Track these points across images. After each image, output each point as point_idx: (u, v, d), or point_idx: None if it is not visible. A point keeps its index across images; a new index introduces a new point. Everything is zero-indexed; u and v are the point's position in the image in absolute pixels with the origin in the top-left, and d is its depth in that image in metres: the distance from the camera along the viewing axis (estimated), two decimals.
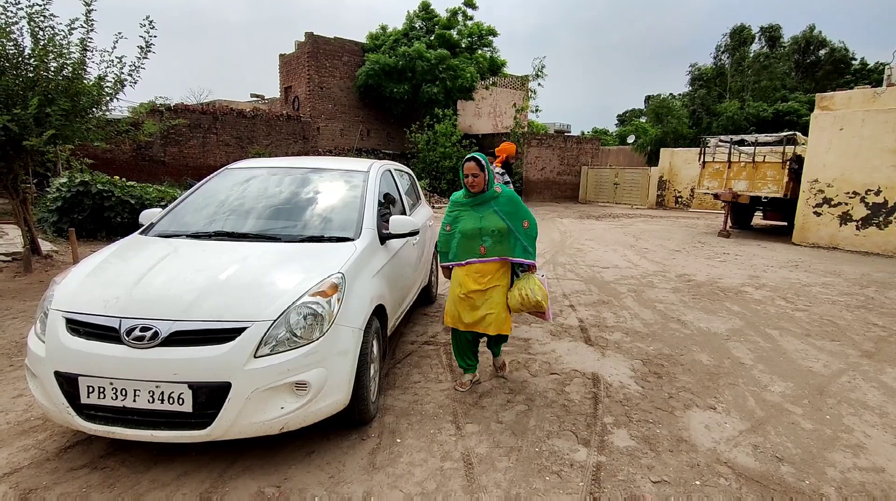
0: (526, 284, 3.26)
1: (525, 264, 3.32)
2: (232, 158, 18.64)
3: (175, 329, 2.33)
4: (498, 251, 3.25)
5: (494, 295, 3.28)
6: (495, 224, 3.22)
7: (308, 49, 21.26)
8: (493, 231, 3.22)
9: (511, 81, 27.15)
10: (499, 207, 3.26)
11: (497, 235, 3.22)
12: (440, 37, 21.53)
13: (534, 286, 3.23)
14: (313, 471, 2.52)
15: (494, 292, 3.28)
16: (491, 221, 3.23)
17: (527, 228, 3.28)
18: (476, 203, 3.29)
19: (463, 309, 3.30)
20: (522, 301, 3.24)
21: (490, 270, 3.28)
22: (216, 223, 3.38)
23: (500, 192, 3.31)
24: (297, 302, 2.51)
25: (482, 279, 3.27)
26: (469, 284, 3.27)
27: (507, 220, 3.23)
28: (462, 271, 3.32)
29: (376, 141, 23.41)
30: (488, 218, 3.24)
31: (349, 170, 4.00)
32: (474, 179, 3.24)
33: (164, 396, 2.28)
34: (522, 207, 3.34)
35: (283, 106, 23.40)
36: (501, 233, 3.22)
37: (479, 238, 3.23)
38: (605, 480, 2.52)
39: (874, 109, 9.65)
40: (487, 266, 3.27)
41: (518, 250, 3.26)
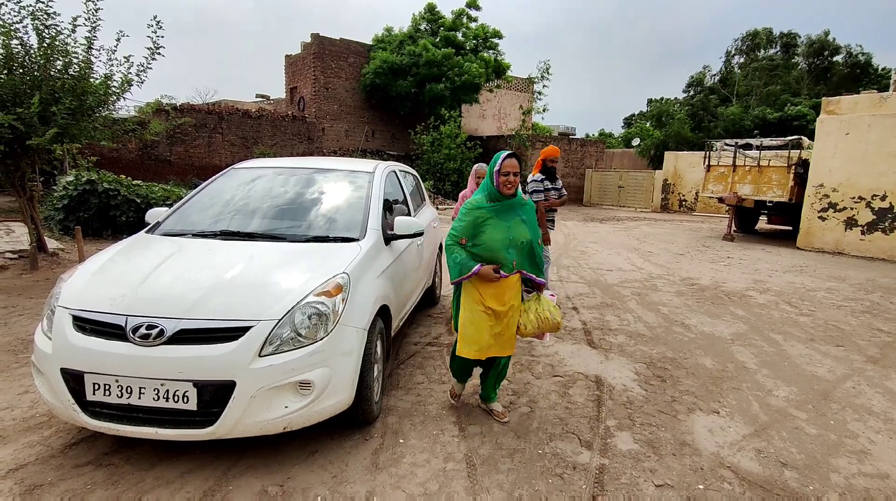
0: (542, 305, 2.97)
1: (535, 283, 3.02)
2: (237, 158, 18.70)
3: (181, 327, 2.34)
4: (521, 265, 2.92)
5: (512, 318, 2.94)
6: (523, 235, 2.86)
7: (314, 50, 21.34)
8: (521, 243, 2.85)
9: (516, 83, 27.17)
10: (526, 215, 2.91)
11: (523, 248, 2.87)
12: (445, 38, 21.57)
13: (551, 308, 2.97)
14: (316, 471, 2.52)
15: (513, 314, 2.93)
16: (519, 231, 2.85)
17: (540, 243, 3.02)
18: (502, 209, 2.85)
19: (485, 333, 2.88)
20: (540, 325, 2.95)
21: (513, 288, 2.91)
22: (222, 223, 3.40)
23: (527, 200, 3.01)
24: (302, 302, 2.51)
25: (504, 297, 2.89)
26: (491, 303, 2.87)
27: (531, 231, 2.91)
28: (483, 289, 2.88)
29: (381, 142, 23.45)
30: (516, 228, 2.85)
31: (354, 171, 4.01)
32: (514, 178, 2.82)
33: (169, 394, 2.29)
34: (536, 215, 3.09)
35: (289, 106, 23.47)
36: (527, 246, 2.88)
37: (506, 250, 2.83)
38: (608, 483, 2.52)
39: (881, 113, 9.60)
40: (511, 284, 2.90)
41: (538, 266, 2.98)
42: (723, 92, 31.14)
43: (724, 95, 31.20)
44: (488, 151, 22.11)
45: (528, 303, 2.99)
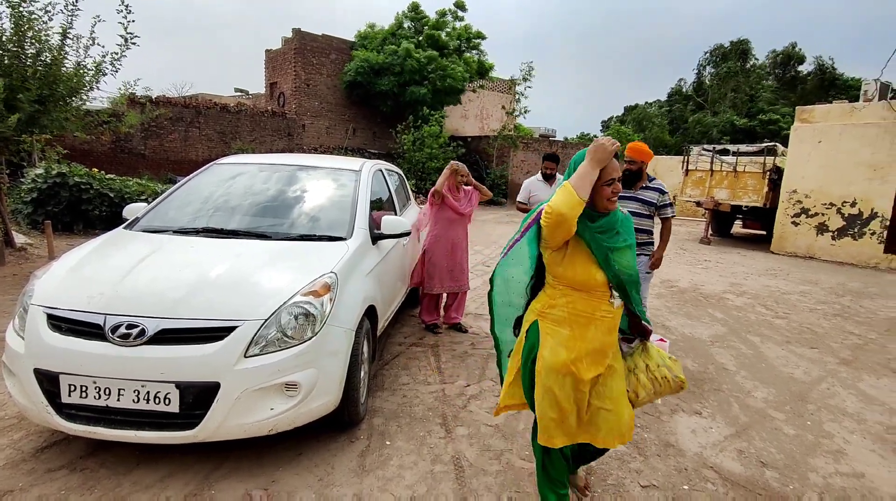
0: (654, 359, 2.11)
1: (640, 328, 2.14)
2: (214, 153, 18.33)
3: (162, 327, 2.27)
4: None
5: (614, 383, 2.02)
6: (630, 265, 1.95)
7: (295, 45, 21.05)
8: (628, 277, 1.94)
9: (499, 84, 27.27)
10: (630, 237, 1.99)
11: (628, 284, 1.95)
12: (429, 37, 21.51)
13: (667, 361, 2.13)
14: (302, 473, 2.47)
15: (614, 377, 2.03)
16: (625, 259, 1.94)
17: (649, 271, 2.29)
18: (604, 229, 1.92)
19: (572, 410, 1.97)
20: (658, 388, 2.08)
21: (613, 343, 2.03)
22: (204, 219, 3.31)
23: (625, 213, 2.06)
24: (289, 302, 2.46)
25: (602, 357, 1.98)
26: (583, 367, 1.94)
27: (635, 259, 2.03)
28: (569, 344, 1.94)
29: (362, 140, 23.27)
30: (621, 255, 1.93)
31: (341, 168, 3.96)
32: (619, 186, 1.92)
33: (150, 396, 2.22)
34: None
35: (268, 102, 23.11)
36: (632, 282, 1.97)
37: (606, 288, 1.94)
38: (596, 484, 2.53)
39: (851, 123, 9.93)
40: (612, 337, 2.02)
41: (640, 305, 2.09)
42: (697, 100, 31.95)
43: (698, 103, 32.03)
44: (470, 151, 22.15)
45: (633, 359, 2.12)
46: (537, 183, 4.84)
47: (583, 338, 1.94)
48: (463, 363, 3.97)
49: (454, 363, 3.94)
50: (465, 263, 4.71)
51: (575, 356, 1.92)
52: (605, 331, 1.96)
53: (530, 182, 4.89)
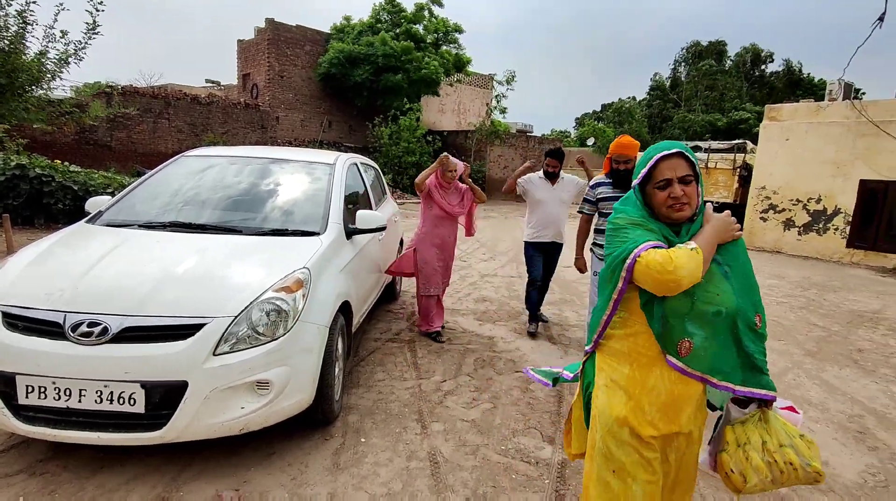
0: (774, 434, 1.51)
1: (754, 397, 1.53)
2: (185, 146, 17.86)
3: (127, 325, 2.19)
4: (709, 360, 1.46)
5: (690, 457, 1.59)
6: (723, 299, 1.44)
7: (268, 36, 20.63)
8: (716, 314, 1.44)
9: (476, 79, 27.25)
10: (732, 260, 1.50)
11: (718, 321, 1.45)
12: (406, 31, 21.35)
13: (797, 440, 1.51)
14: (274, 473, 2.42)
15: (691, 448, 1.58)
16: (717, 289, 1.45)
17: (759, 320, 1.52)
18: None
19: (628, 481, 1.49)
20: (777, 475, 1.49)
21: (691, 396, 1.52)
22: (172, 213, 3.20)
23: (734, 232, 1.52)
24: (260, 298, 2.40)
25: (675, 413, 1.51)
26: (643, 423, 1.49)
27: (740, 291, 1.48)
28: (628, 388, 1.53)
29: (338, 133, 22.99)
30: (712, 283, 1.45)
31: (315, 162, 3.88)
32: (687, 189, 1.48)
33: (114, 396, 2.13)
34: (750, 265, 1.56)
35: (241, 93, 22.63)
36: (727, 320, 1.46)
37: (682, 323, 1.44)
38: (570, 477, 2.54)
39: (817, 121, 10.23)
40: (688, 388, 1.50)
41: (757, 365, 1.50)
42: (672, 97, 32.56)
43: (673, 100, 32.63)
44: (447, 146, 22.10)
45: (745, 430, 1.54)
46: (538, 180, 4.56)
47: (643, 384, 1.50)
48: (439, 358, 3.95)
49: (430, 359, 3.92)
50: (448, 260, 4.53)
51: (634, 403, 1.50)
52: (675, 379, 1.48)
53: (529, 179, 4.61)
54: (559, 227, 4.64)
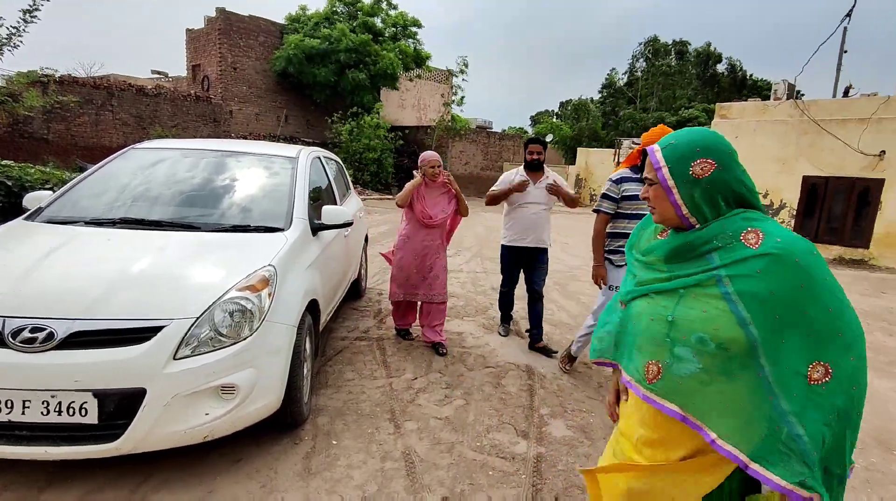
0: None
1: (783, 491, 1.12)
2: (131, 139, 16.98)
3: (75, 330, 2.02)
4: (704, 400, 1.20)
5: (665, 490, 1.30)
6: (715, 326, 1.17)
7: (219, 26, 19.83)
8: (699, 341, 1.19)
9: (436, 74, 27.14)
10: (741, 285, 1.15)
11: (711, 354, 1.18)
12: (363, 24, 21.01)
13: None
14: (242, 481, 2.30)
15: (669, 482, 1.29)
16: (700, 313, 1.20)
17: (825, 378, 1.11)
18: (675, 256, 1.29)
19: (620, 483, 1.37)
20: None
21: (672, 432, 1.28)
22: (122, 209, 2.99)
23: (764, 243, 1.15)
24: (224, 297, 2.27)
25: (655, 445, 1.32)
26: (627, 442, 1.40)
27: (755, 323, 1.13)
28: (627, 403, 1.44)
29: (295, 128, 22.41)
30: (696, 306, 1.21)
31: (276, 155, 3.72)
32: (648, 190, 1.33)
33: (62, 407, 1.97)
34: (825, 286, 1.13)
35: (191, 85, 21.68)
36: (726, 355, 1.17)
37: (661, 343, 1.27)
38: (546, 471, 2.54)
39: (764, 119, 10.73)
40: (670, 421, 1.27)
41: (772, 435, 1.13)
42: (628, 94, 33.51)
43: (629, 97, 33.58)
44: (409, 142, 21.95)
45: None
46: (518, 178, 4.02)
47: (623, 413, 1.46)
48: (409, 356, 3.89)
49: (400, 357, 3.85)
50: (439, 270, 4.01)
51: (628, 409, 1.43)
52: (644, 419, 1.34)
53: (510, 174, 4.15)
54: (542, 231, 4.06)
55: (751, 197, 1.25)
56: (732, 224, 1.21)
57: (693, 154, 1.23)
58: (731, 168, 1.23)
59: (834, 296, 1.12)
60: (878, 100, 9.69)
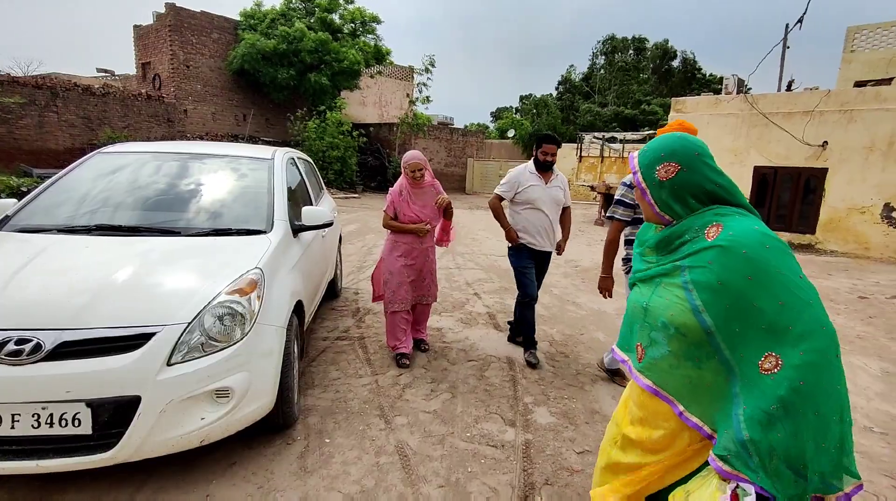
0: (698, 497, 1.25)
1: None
2: (79, 142, 16.25)
3: (64, 340, 1.98)
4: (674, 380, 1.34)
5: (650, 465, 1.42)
6: (672, 312, 1.31)
7: (169, 22, 19.12)
8: (663, 326, 1.34)
9: (397, 70, 27.03)
10: (695, 275, 1.27)
11: (674, 339, 1.31)
12: (321, 20, 20.66)
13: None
14: (238, 483, 2.31)
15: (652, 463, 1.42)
16: (664, 300, 1.34)
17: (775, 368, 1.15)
18: (658, 248, 1.43)
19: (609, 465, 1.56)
20: None
21: (659, 411, 1.40)
22: (97, 215, 2.92)
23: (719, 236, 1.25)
24: (214, 302, 2.27)
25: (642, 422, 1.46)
26: (624, 419, 1.55)
27: (707, 312, 1.24)
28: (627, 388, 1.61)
29: (254, 127, 21.87)
30: (663, 293, 1.35)
31: (252, 157, 3.69)
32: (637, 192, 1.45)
33: (54, 418, 1.93)
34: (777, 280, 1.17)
35: (141, 84, 20.85)
36: (686, 340, 1.29)
37: (642, 327, 1.43)
38: (535, 456, 2.65)
39: (717, 113, 11.23)
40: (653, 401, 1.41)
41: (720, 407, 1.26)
42: (585, 88, 34.30)
43: (586, 92, 34.38)
44: (372, 139, 21.80)
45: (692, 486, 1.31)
46: (529, 175, 3.78)
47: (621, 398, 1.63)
48: (392, 353, 3.93)
49: (383, 354, 3.89)
50: (427, 273, 3.86)
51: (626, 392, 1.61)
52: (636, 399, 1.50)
53: (519, 173, 3.83)
54: (554, 234, 3.91)
55: (725, 194, 1.33)
56: (701, 219, 1.31)
57: (658, 159, 1.36)
58: (696, 169, 1.33)
59: (787, 290, 1.16)
60: (820, 93, 10.31)
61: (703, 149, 1.36)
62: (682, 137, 1.38)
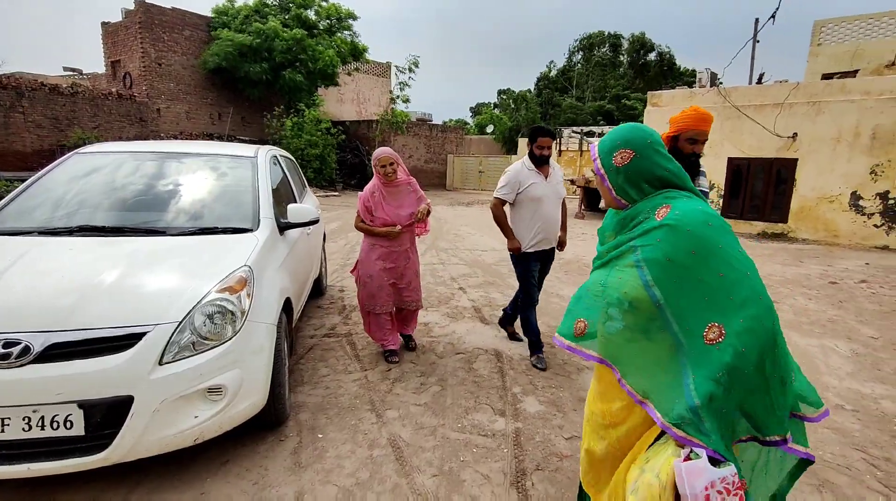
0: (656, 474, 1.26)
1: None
2: (47, 143, 15.81)
3: (53, 341, 1.96)
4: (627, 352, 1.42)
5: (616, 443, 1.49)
6: (625, 289, 1.39)
7: (139, 19, 18.65)
8: (618, 302, 1.41)
9: (374, 67, 26.87)
10: (646, 252, 1.36)
11: (628, 313, 1.39)
12: (296, 17, 20.41)
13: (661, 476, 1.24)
14: (233, 481, 2.32)
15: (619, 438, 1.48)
16: (618, 278, 1.43)
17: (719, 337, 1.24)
18: (615, 231, 1.55)
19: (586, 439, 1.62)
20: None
21: (613, 382, 1.48)
22: (79, 217, 2.87)
23: (666, 216, 1.35)
24: (204, 300, 2.27)
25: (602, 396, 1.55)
26: (595, 397, 1.60)
27: (657, 286, 1.33)
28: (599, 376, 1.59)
29: (230, 126, 21.52)
30: (618, 273, 1.44)
31: (235, 155, 3.67)
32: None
33: (46, 421, 1.92)
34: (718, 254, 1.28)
35: (111, 83, 20.33)
36: (639, 314, 1.37)
37: (600, 304, 1.50)
38: (525, 443, 2.71)
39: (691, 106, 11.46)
40: (608, 372, 1.50)
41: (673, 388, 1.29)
42: (563, 83, 34.64)
43: (564, 86, 34.70)
44: (350, 136, 21.66)
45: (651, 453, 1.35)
46: (528, 172, 3.60)
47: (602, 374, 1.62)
48: (380, 349, 3.95)
49: (372, 349, 3.91)
50: (411, 276, 3.71)
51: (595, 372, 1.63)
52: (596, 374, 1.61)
53: (517, 172, 3.61)
54: (557, 230, 3.77)
55: (675, 179, 1.43)
56: (653, 202, 1.42)
57: (615, 146, 1.45)
58: (648, 156, 1.42)
59: (727, 264, 1.26)
60: (789, 86, 10.61)
61: (654, 137, 1.45)
62: (637, 127, 1.48)
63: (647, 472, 1.29)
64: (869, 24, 13.74)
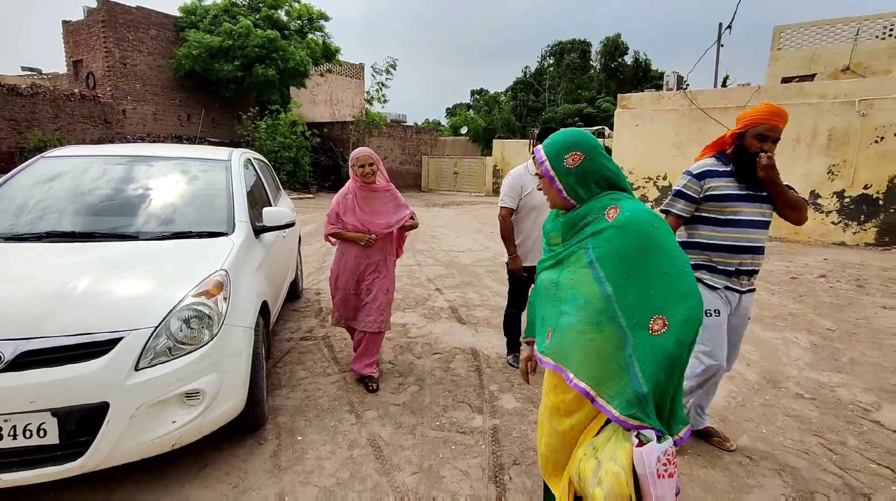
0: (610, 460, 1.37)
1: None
2: (5, 145, 15.26)
3: (25, 349, 1.93)
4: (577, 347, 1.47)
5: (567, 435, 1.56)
6: (579, 286, 1.50)
7: (102, 17, 18.12)
8: (572, 298, 1.51)
9: (347, 68, 26.70)
10: (598, 251, 1.47)
11: (582, 309, 1.47)
12: (267, 17, 20.15)
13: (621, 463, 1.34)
14: (212, 485, 2.31)
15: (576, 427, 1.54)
16: (571, 277, 1.54)
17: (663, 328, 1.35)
18: (563, 232, 1.62)
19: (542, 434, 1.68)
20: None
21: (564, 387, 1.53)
22: (46, 222, 2.82)
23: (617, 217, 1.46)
24: (181, 304, 2.26)
25: (555, 389, 1.59)
26: (549, 390, 1.63)
27: (609, 281, 1.44)
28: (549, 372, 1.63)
29: (200, 128, 21.10)
30: (571, 272, 1.54)
31: (208, 158, 3.63)
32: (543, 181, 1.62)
33: (18, 430, 1.89)
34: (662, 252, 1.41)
35: (73, 83, 19.69)
36: (591, 306, 1.45)
37: (554, 304, 1.59)
38: (503, 439, 2.78)
39: (660, 108, 11.78)
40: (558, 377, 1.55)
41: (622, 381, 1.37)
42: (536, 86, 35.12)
43: (536, 89, 35.20)
44: (325, 138, 21.47)
45: (598, 442, 1.45)
46: (529, 176, 3.44)
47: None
48: None
49: (349, 353, 3.91)
50: (378, 292, 3.31)
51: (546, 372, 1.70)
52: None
53: (519, 176, 3.47)
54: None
55: (617, 180, 1.56)
56: (600, 202, 1.52)
57: (566, 149, 1.55)
58: (595, 158, 1.54)
59: (670, 259, 1.40)
60: (751, 89, 11.00)
61: (597, 141, 1.58)
62: (581, 131, 1.59)
63: (605, 462, 1.38)
64: (825, 31, 14.34)
